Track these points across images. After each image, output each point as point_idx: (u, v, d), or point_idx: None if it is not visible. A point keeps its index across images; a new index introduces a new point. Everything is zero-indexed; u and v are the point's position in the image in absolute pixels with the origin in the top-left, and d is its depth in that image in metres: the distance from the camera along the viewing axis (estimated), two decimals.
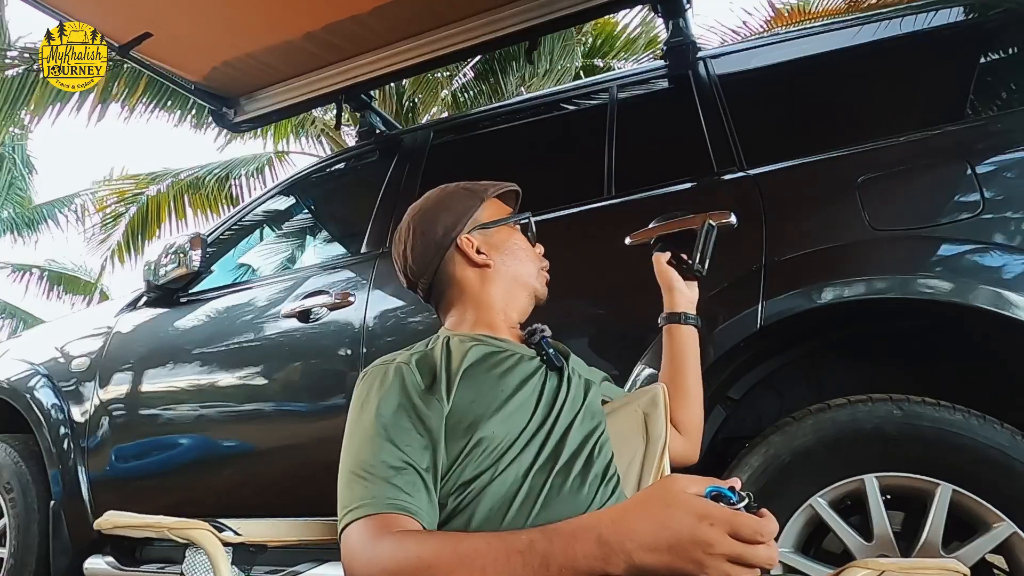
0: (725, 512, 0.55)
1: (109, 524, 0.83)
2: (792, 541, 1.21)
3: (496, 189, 1.03)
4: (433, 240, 0.98)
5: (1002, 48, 1.50)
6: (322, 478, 0.84)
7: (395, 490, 0.71)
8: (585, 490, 0.81)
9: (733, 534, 0.54)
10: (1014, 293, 1.12)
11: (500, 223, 1.01)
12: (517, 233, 1.03)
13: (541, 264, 1.04)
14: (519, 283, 1.00)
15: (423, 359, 0.84)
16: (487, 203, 1.01)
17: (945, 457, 1.14)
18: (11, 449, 2.11)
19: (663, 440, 1.02)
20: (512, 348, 0.92)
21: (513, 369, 0.87)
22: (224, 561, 0.80)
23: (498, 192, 1.04)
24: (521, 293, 1.00)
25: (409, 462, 0.74)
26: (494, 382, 0.84)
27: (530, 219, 1.05)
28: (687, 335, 1.14)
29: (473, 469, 0.77)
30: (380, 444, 0.75)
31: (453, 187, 1.03)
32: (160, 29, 1.98)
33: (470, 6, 1.97)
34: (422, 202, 1.03)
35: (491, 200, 1.02)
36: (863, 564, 0.69)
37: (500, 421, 0.80)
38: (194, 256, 1.91)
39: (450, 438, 0.78)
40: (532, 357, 0.92)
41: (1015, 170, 1.23)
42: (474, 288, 0.97)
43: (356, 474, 0.74)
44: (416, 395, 0.79)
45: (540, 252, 1.06)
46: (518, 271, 1.00)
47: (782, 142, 1.48)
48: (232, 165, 6.54)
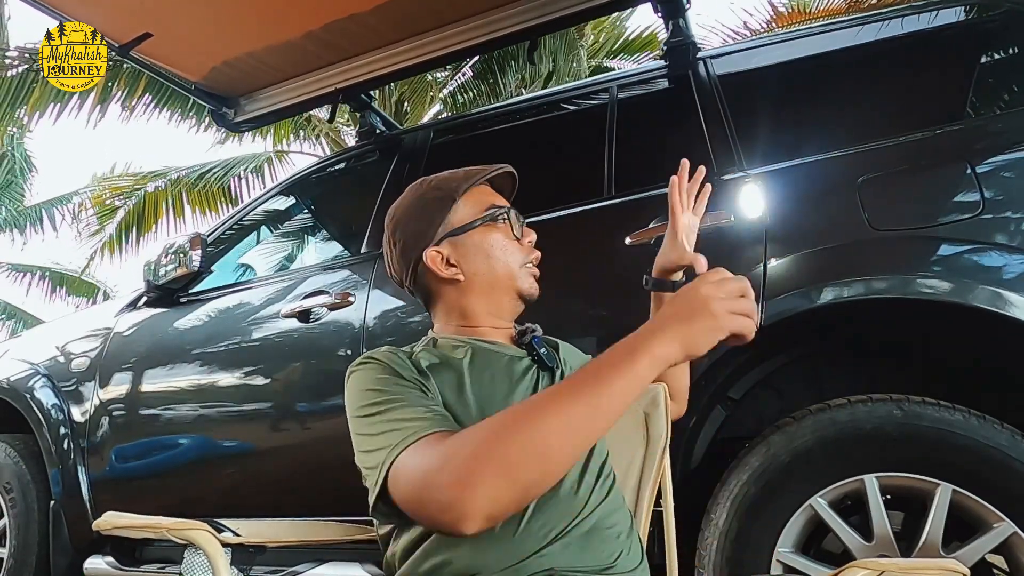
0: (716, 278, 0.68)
1: (108, 525, 0.83)
2: (792, 541, 1.21)
3: (471, 182, 0.94)
4: (404, 252, 0.94)
5: (1002, 48, 1.50)
6: (322, 478, 0.84)
7: (424, 422, 0.69)
8: (580, 490, 0.80)
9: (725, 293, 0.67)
10: (1014, 293, 1.12)
11: (470, 228, 0.92)
12: (494, 231, 0.93)
13: (526, 259, 0.94)
14: (498, 287, 0.92)
15: (410, 355, 0.84)
16: (464, 199, 0.93)
17: (945, 457, 1.14)
18: (11, 449, 2.11)
19: (663, 440, 1.02)
20: (501, 350, 0.90)
21: (503, 372, 0.86)
22: (223, 562, 0.80)
23: (477, 183, 0.94)
24: (503, 296, 0.93)
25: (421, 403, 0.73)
26: (483, 386, 0.83)
27: (508, 212, 0.94)
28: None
29: None
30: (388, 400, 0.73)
31: (425, 187, 0.96)
32: (160, 29, 1.98)
33: (470, 6, 1.97)
34: (396, 205, 0.98)
35: (470, 194, 0.94)
36: (863, 564, 0.68)
37: None
38: (194, 256, 1.91)
39: None
40: (523, 358, 0.90)
41: (1015, 170, 1.22)
42: (452, 298, 0.93)
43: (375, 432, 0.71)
44: (403, 370, 0.78)
45: (530, 242, 0.96)
46: (495, 275, 0.92)
47: (782, 142, 1.48)
48: (231, 164, 6.54)
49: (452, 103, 6.39)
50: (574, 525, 0.77)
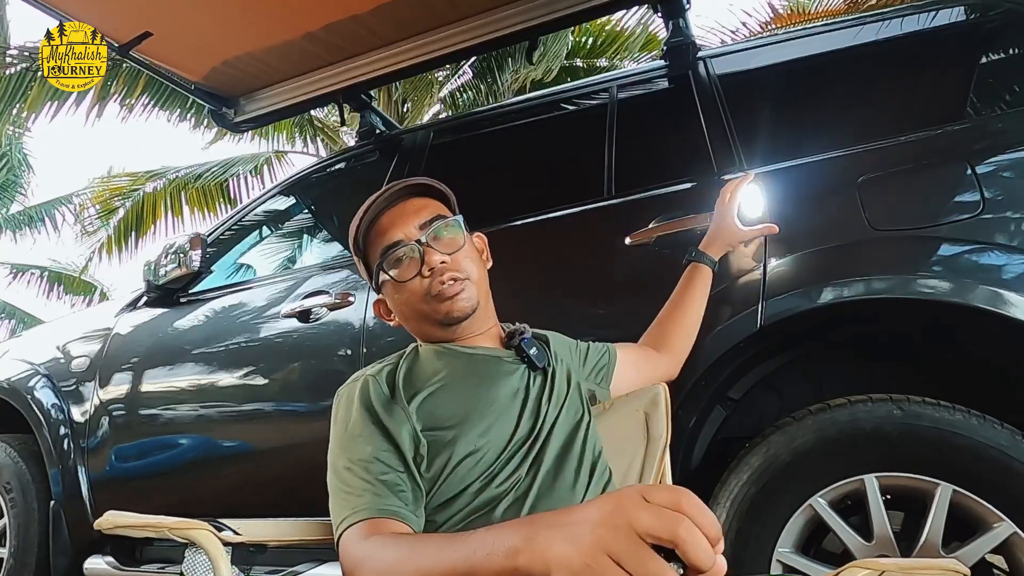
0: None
1: (109, 524, 0.83)
2: (792, 541, 1.21)
3: (364, 230, 0.94)
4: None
5: (1002, 48, 1.50)
6: (322, 478, 0.84)
7: (374, 498, 0.73)
8: (576, 488, 0.81)
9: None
10: (1014, 293, 1.12)
11: (376, 282, 0.96)
12: (387, 283, 0.93)
13: (428, 289, 0.89)
14: (421, 322, 0.93)
15: (391, 372, 0.86)
16: (369, 248, 0.94)
17: (945, 457, 1.14)
18: (11, 449, 2.11)
19: (664, 440, 1.02)
20: (486, 353, 0.91)
21: (490, 376, 0.87)
22: (224, 561, 0.80)
23: (372, 226, 0.94)
24: (432, 328, 0.92)
25: (384, 466, 0.76)
26: (470, 392, 0.84)
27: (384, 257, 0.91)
28: (707, 275, 1.23)
29: (460, 482, 0.78)
30: (353, 455, 0.78)
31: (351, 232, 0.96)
32: (160, 29, 1.98)
33: (470, 6, 1.97)
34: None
35: (371, 239, 0.94)
36: (863, 564, 0.69)
37: (481, 434, 0.80)
38: (194, 256, 1.91)
39: (432, 452, 0.79)
40: (511, 360, 0.91)
41: (1015, 170, 1.23)
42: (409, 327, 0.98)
43: (338, 487, 0.77)
44: (379, 405, 0.81)
45: (432, 269, 0.89)
46: (409, 320, 0.95)
47: (782, 142, 1.48)
48: (231, 164, 6.54)
49: (451, 103, 6.39)
50: None
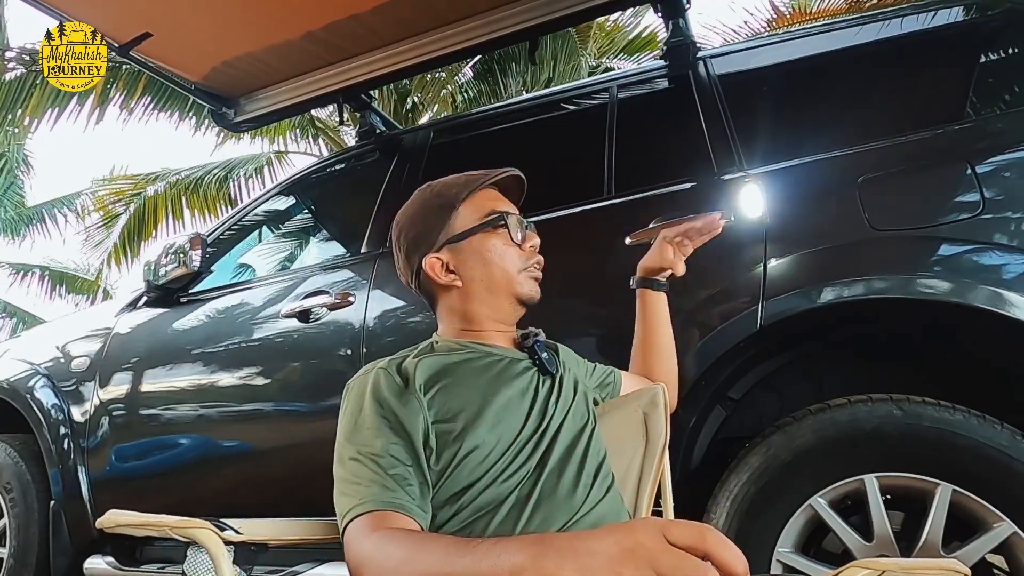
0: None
1: (112, 522, 0.83)
2: (792, 541, 1.21)
3: (472, 188, 0.95)
4: (407, 256, 0.97)
5: (1002, 48, 1.50)
6: (322, 478, 0.84)
7: (381, 490, 0.73)
8: (578, 491, 0.81)
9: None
10: (1014, 293, 1.12)
11: (469, 234, 0.94)
12: (493, 237, 0.94)
13: (526, 264, 0.95)
14: (497, 291, 0.94)
15: (405, 364, 0.86)
16: (465, 205, 0.95)
17: (945, 457, 1.14)
18: (11, 449, 2.11)
19: (663, 440, 1.02)
20: (501, 353, 0.92)
21: (502, 374, 0.88)
22: (225, 560, 0.80)
23: (478, 189, 0.96)
24: (502, 301, 0.95)
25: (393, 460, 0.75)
26: (482, 388, 0.85)
27: (506, 217, 0.95)
28: (660, 299, 1.21)
29: (466, 478, 0.78)
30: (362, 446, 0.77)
31: (429, 193, 0.98)
32: (160, 29, 1.98)
33: (470, 6, 1.97)
34: (402, 210, 1.01)
35: (471, 200, 0.95)
36: (863, 564, 0.69)
37: (490, 428, 0.80)
38: (194, 256, 1.91)
39: (440, 445, 0.79)
40: (523, 361, 0.92)
41: (1015, 170, 1.23)
42: (453, 303, 0.96)
43: (345, 477, 0.76)
44: (392, 396, 0.80)
45: (532, 247, 0.97)
46: (492, 280, 0.94)
47: (782, 141, 1.48)
48: (231, 165, 6.54)
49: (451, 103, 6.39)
50: (572, 524, 0.77)
